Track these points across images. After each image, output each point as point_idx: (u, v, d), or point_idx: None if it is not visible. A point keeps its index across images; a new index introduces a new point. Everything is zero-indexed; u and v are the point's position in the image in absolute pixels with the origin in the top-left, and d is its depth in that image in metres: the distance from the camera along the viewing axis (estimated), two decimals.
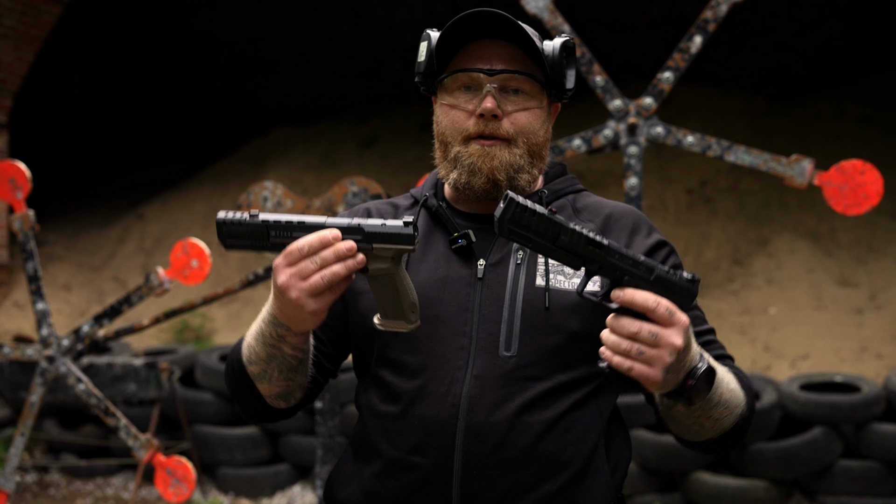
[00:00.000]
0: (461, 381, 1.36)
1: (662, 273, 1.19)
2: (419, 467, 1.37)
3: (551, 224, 1.17)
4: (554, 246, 1.18)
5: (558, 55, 1.43)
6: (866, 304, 6.04)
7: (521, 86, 1.42)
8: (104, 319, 3.63)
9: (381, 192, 3.31)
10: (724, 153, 2.83)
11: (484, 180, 1.41)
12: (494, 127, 1.41)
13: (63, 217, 8.74)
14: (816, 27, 8.41)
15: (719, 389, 1.29)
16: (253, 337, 1.37)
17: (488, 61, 1.41)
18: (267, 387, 1.40)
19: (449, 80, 1.44)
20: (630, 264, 1.19)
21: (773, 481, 4.68)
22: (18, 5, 7.02)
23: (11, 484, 3.67)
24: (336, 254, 1.22)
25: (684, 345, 1.17)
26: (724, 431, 1.36)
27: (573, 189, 1.55)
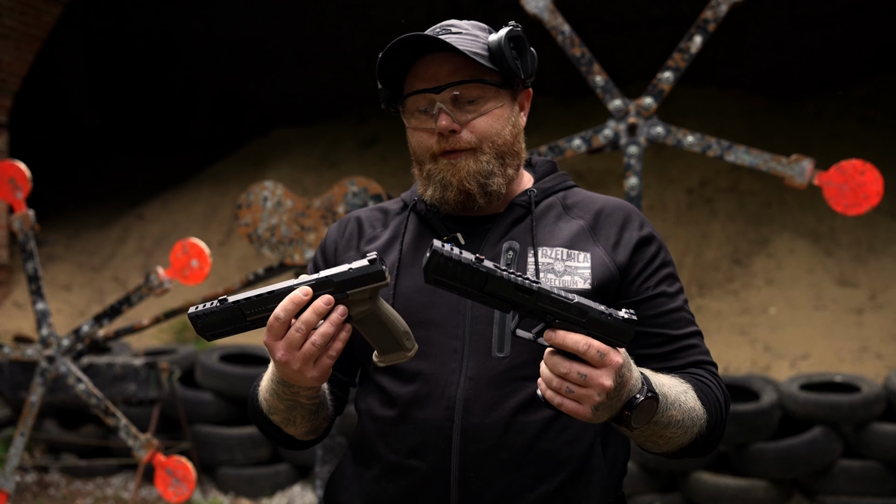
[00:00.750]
0: (455, 383, 1.37)
1: (596, 315, 1.18)
2: (417, 470, 1.38)
3: (477, 273, 1.16)
4: (481, 293, 1.18)
5: (504, 47, 1.40)
6: (866, 304, 6.04)
7: (474, 92, 1.42)
8: (104, 319, 3.63)
9: (381, 192, 3.31)
10: (724, 153, 2.83)
11: (455, 192, 1.43)
12: (454, 141, 1.42)
13: (63, 217, 8.74)
14: (816, 27, 8.41)
15: (669, 412, 1.29)
16: (268, 392, 1.40)
17: (434, 78, 1.41)
18: (294, 429, 1.44)
19: (407, 102, 1.46)
20: (561, 308, 1.18)
21: (773, 481, 4.68)
22: (18, 5, 7.02)
23: (11, 484, 3.67)
24: (316, 312, 1.22)
25: (615, 385, 1.17)
26: (682, 447, 1.36)
27: (563, 186, 1.55)
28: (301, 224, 3.40)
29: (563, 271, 1.41)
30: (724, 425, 1.42)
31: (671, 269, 1.48)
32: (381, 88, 1.49)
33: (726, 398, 1.43)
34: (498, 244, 1.44)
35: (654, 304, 1.43)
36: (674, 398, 1.30)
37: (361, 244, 1.53)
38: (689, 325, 1.45)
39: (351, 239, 1.55)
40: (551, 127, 7.47)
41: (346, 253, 1.53)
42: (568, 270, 1.41)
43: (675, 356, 1.43)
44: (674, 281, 1.47)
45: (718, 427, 1.40)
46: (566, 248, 1.43)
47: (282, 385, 1.35)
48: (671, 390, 1.31)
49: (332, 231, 1.58)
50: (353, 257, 1.51)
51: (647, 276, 1.44)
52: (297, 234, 3.40)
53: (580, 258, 1.42)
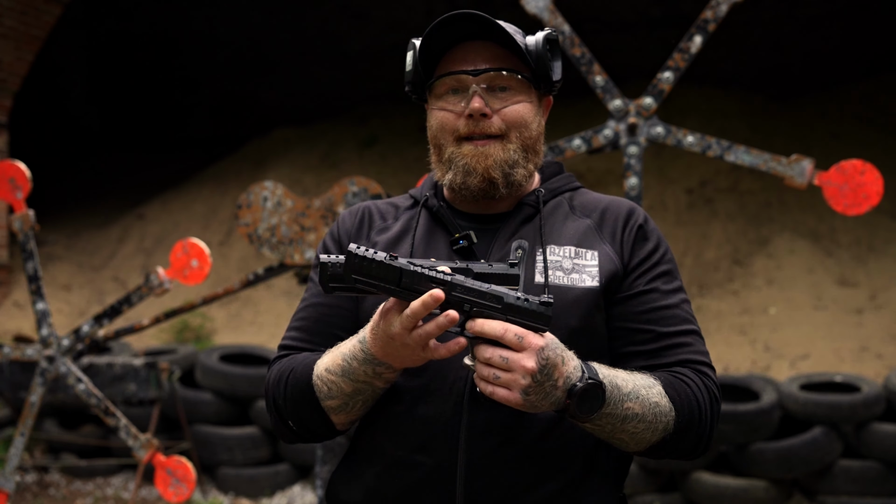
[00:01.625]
0: (464, 379, 1.37)
1: (512, 301, 1.23)
2: (423, 465, 1.37)
3: (391, 269, 1.22)
4: (399, 288, 1.22)
5: (542, 48, 1.44)
6: (866, 304, 6.04)
7: (507, 83, 1.43)
8: (104, 319, 3.63)
9: (381, 192, 3.31)
10: (724, 153, 2.83)
11: (479, 179, 1.43)
12: (485, 125, 1.43)
13: (63, 217, 8.75)
14: (816, 27, 8.41)
15: (625, 404, 1.29)
16: (335, 374, 1.36)
17: (472, 62, 1.43)
18: (344, 416, 1.41)
19: (437, 85, 1.46)
20: (476, 296, 1.23)
21: (773, 481, 4.68)
22: (18, 5, 7.02)
23: (11, 484, 3.67)
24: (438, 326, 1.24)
25: (539, 367, 1.20)
26: (652, 444, 1.35)
27: (570, 187, 1.56)
28: (301, 224, 3.40)
29: (572, 269, 1.42)
30: (708, 424, 1.39)
31: (669, 267, 1.47)
32: (411, 70, 1.48)
33: (712, 397, 1.40)
34: (507, 243, 1.45)
35: (644, 299, 1.43)
36: (630, 390, 1.30)
37: (372, 233, 1.54)
38: (682, 324, 1.43)
39: (362, 227, 1.55)
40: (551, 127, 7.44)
41: (357, 241, 1.53)
42: (576, 268, 1.42)
43: (662, 354, 1.41)
44: (671, 279, 1.46)
45: (695, 425, 1.37)
46: (574, 247, 1.44)
47: (367, 364, 1.32)
48: (627, 383, 1.31)
49: (346, 219, 1.58)
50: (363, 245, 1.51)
51: (642, 271, 1.45)
52: (297, 234, 3.41)
53: (588, 256, 1.43)
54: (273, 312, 6.93)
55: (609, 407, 1.27)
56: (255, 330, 6.78)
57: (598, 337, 1.42)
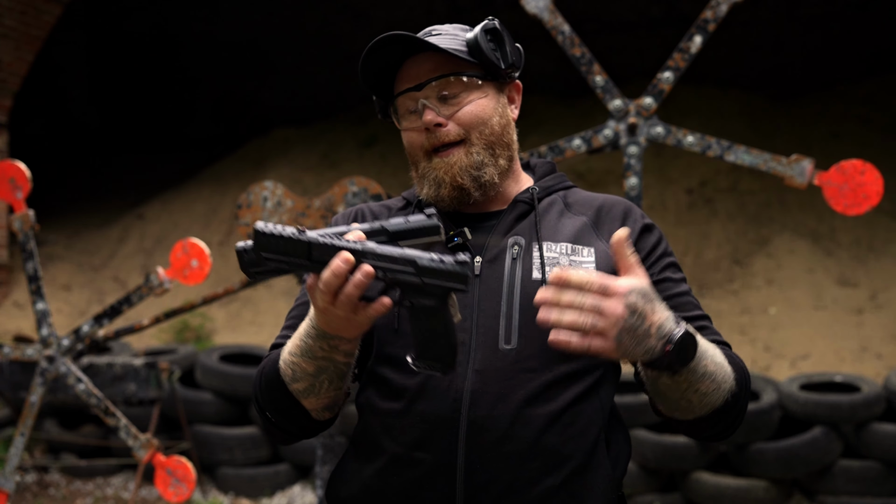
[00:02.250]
0: (462, 375, 1.37)
1: (426, 263, 1.20)
2: (423, 463, 1.37)
3: (300, 243, 1.19)
4: (310, 262, 1.20)
5: (483, 41, 1.44)
6: (866, 304, 6.04)
7: (455, 88, 1.45)
8: (104, 319, 3.63)
9: (381, 192, 3.31)
10: (724, 153, 2.83)
11: (449, 189, 1.45)
12: (443, 135, 1.44)
13: (63, 217, 8.75)
14: (816, 27, 8.41)
15: (703, 360, 1.30)
16: (296, 355, 1.37)
17: (416, 78, 1.45)
18: (315, 400, 1.40)
19: (398, 107, 1.49)
20: (388, 261, 1.20)
21: (773, 481, 4.68)
22: (18, 5, 7.02)
23: (11, 484, 3.67)
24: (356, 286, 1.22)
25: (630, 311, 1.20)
26: (714, 409, 1.36)
27: (563, 185, 1.57)
28: (301, 224, 3.41)
29: (569, 265, 1.42)
30: (746, 401, 1.42)
31: (673, 259, 1.50)
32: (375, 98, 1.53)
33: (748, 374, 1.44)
34: (503, 240, 1.46)
35: (660, 288, 1.43)
36: (707, 349, 1.32)
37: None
38: (696, 310, 1.47)
39: None
40: (551, 127, 7.47)
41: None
42: (573, 265, 1.43)
43: None
44: (677, 269, 1.49)
45: (744, 392, 1.40)
46: (570, 244, 1.45)
47: (321, 339, 1.32)
48: (704, 341, 1.32)
49: (338, 220, 1.59)
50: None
51: (652, 262, 1.47)
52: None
53: (584, 253, 1.44)
54: (273, 312, 6.93)
55: (695, 361, 1.28)
56: (255, 330, 6.78)
57: None
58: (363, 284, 1.21)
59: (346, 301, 1.22)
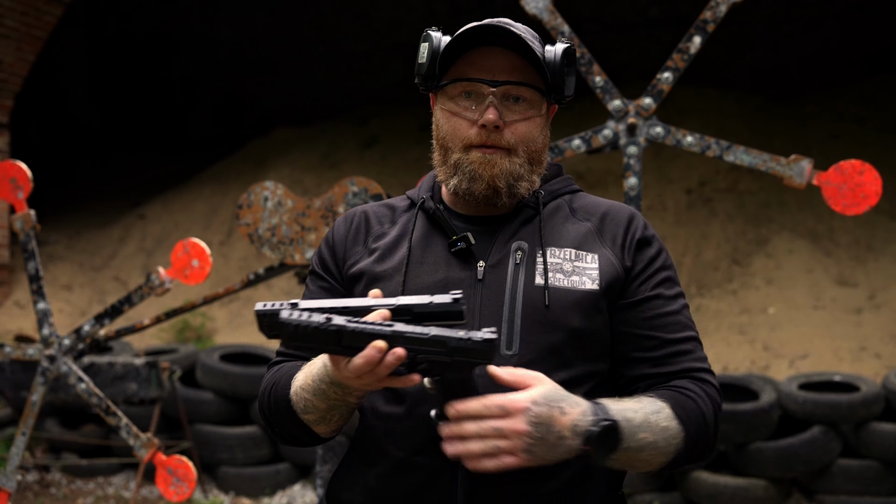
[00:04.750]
0: None
1: (455, 343, 1.20)
2: (424, 467, 1.38)
3: (329, 333, 1.19)
4: (341, 347, 1.21)
5: (559, 62, 1.44)
6: (865, 304, 6.05)
7: (522, 94, 1.43)
8: (105, 319, 3.64)
9: (381, 192, 3.32)
10: (723, 153, 2.84)
11: (484, 187, 1.43)
12: (496, 138, 1.42)
13: (64, 217, 8.75)
14: (816, 27, 8.41)
15: (638, 435, 1.30)
16: (310, 392, 1.38)
17: (490, 71, 1.42)
18: (325, 427, 1.42)
19: (451, 86, 1.44)
20: (419, 343, 1.20)
21: (772, 480, 4.69)
22: (19, 6, 7.03)
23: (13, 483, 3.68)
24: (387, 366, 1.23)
25: (532, 426, 1.21)
26: (662, 465, 1.37)
27: (569, 189, 1.56)
28: (301, 224, 3.42)
29: (572, 272, 1.42)
30: (713, 432, 1.41)
31: (670, 273, 1.49)
32: (425, 63, 1.46)
33: (715, 405, 1.42)
34: (507, 244, 1.45)
35: (650, 305, 1.43)
36: (641, 421, 1.31)
37: (369, 240, 1.53)
38: (684, 330, 1.45)
39: (358, 234, 1.55)
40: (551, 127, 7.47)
41: (353, 248, 1.53)
42: (576, 271, 1.42)
43: (667, 361, 1.42)
44: (672, 284, 1.48)
45: (703, 437, 1.39)
46: (574, 249, 1.44)
47: (335, 387, 1.33)
48: (637, 414, 1.31)
49: (339, 226, 1.57)
50: (360, 252, 1.51)
51: (646, 277, 1.45)
52: (297, 234, 3.42)
53: (588, 259, 1.44)
54: None
55: (625, 442, 1.28)
56: (256, 330, 6.79)
57: (599, 338, 1.42)
58: (393, 366, 1.21)
59: (374, 380, 1.23)
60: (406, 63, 3.37)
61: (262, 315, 1.21)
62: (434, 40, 1.45)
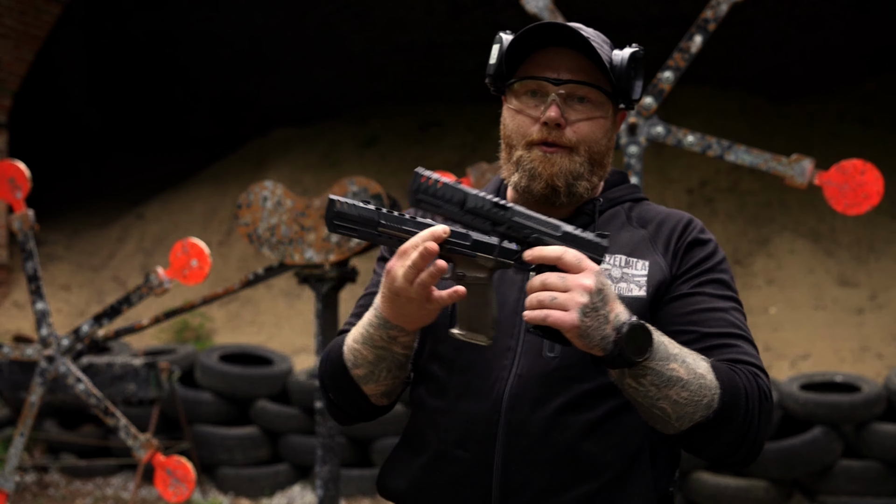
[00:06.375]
0: (505, 379, 1.40)
1: (570, 230, 1.28)
2: (462, 460, 1.41)
3: (457, 191, 1.28)
4: (462, 210, 1.29)
5: (626, 66, 1.45)
6: (867, 304, 6.04)
7: (586, 95, 1.45)
8: (104, 319, 3.63)
9: (381, 192, 3.31)
10: (724, 153, 2.83)
11: (543, 185, 1.45)
12: (557, 135, 1.44)
13: (63, 217, 8.74)
14: (816, 27, 8.40)
15: (670, 363, 1.27)
16: (358, 342, 1.42)
17: (556, 70, 1.44)
18: (374, 386, 1.44)
19: (518, 85, 1.47)
20: (536, 223, 1.28)
21: (774, 481, 4.68)
22: (18, 5, 7.02)
23: (11, 484, 3.67)
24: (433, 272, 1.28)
25: (597, 287, 1.23)
26: (695, 423, 1.31)
27: (632, 197, 1.56)
28: (301, 224, 3.40)
29: (620, 277, 1.42)
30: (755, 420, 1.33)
31: (723, 277, 1.45)
32: (495, 64, 1.49)
33: (762, 395, 1.35)
34: None
35: (689, 301, 1.42)
36: (677, 353, 1.29)
37: None
38: (729, 327, 1.41)
39: None
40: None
41: None
42: (624, 277, 1.43)
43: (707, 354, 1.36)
44: (722, 287, 1.44)
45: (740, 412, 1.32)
46: (626, 256, 1.45)
47: (382, 328, 1.37)
48: (674, 346, 1.30)
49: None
50: None
51: (691, 276, 1.44)
52: (297, 234, 3.40)
53: (638, 266, 1.44)
54: (273, 312, 6.92)
55: (654, 360, 1.26)
56: (255, 330, 6.78)
57: None
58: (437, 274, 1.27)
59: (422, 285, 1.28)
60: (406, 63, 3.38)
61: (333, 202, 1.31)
62: (504, 42, 1.48)
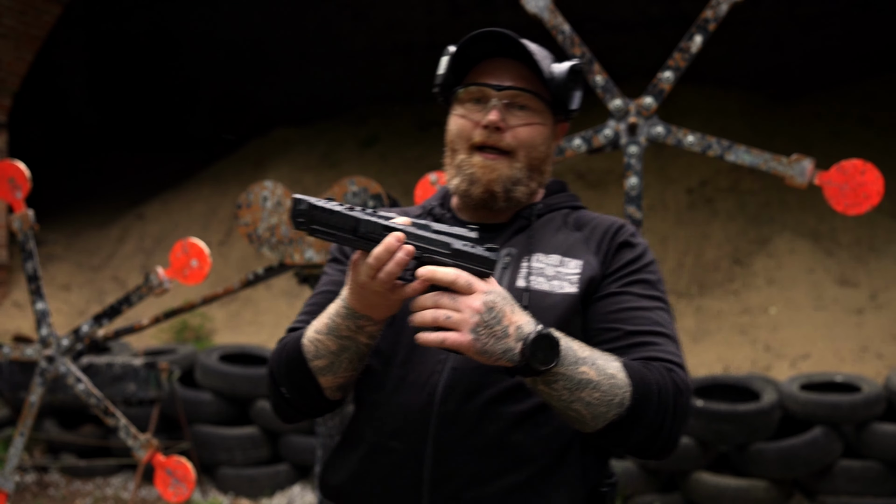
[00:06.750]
0: (440, 372, 1.46)
1: (460, 247, 1.32)
2: (396, 451, 1.46)
3: (349, 218, 1.30)
4: (355, 237, 1.31)
5: (565, 77, 1.53)
6: (867, 304, 6.03)
7: (526, 102, 1.52)
8: (104, 319, 3.63)
9: (381, 192, 3.31)
10: (724, 153, 2.83)
11: (481, 190, 1.52)
12: (497, 138, 1.51)
13: (63, 217, 8.74)
14: (816, 27, 8.40)
15: (580, 367, 1.31)
16: (322, 333, 1.44)
17: (499, 78, 1.52)
18: (331, 378, 1.47)
19: (463, 93, 1.55)
20: (426, 242, 1.32)
21: (774, 481, 4.68)
22: (18, 5, 7.02)
23: (11, 484, 3.67)
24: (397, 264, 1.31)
25: (486, 307, 1.28)
26: (609, 422, 1.35)
27: (569, 205, 1.64)
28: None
29: (554, 276, 1.49)
30: (669, 413, 1.37)
31: (650, 278, 1.50)
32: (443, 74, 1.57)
33: (677, 390, 1.38)
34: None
35: (615, 300, 1.47)
36: (587, 356, 1.34)
37: None
38: (652, 325, 1.45)
39: None
40: None
41: None
42: (558, 276, 1.49)
43: (628, 351, 1.42)
44: (649, 287, 1.49)
45: (652, 407, 1.36)
46: (560, 256, 1.52)
47: (350, 318, 1.39)
48: (584, 349, 1.34)
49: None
50: None
51: (619, 276, 1.50)
52: (296, 234, 3.40)
53: (571, 265, 1.50)
54: (273, 312, 6.92)
55: (564, 366, 1.30)
56: (255, 330, 6.78)
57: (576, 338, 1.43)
58: (404, 262, 1.29)
59: (387, 278, 1.30)
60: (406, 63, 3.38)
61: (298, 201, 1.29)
62: (451, 53, 1.56)
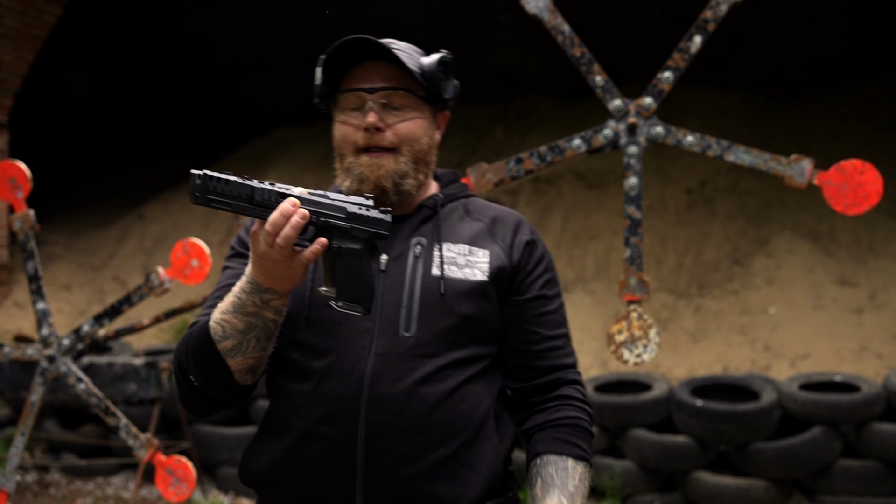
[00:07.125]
0: (365, 358, 1.53)
1: (355, 210, 1.42)
2: (327, 436, 1.52)
3: (245, 186, 1.34)
4: (251, 205, 1.35)
5: (435, 69, 1.61)
6: (866, 304, 6.04)
7: (400, 101, 1.60)
8: (104, 319, 3.63)
9: None
10: (723, 153, 2.83)
11: (371, 187, 1.59)
12: (379, 138, 1.59)
13: (63, 217, 8.74)
14: (816, 27, 8.41)
15: None
16: (228, 311, 1.49)
17: (370, 81, 1.60)
18: (241, 360, 1.50)
19: (341, 100, 1.63)
20: (322, 207, 1.39)
21: (773, 481, 4.68)
22: (19, 5, 7.02)
23: (12, 483, 3.67)
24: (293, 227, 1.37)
25: None
26: None
27: (464, 194, 1.75)
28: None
29: (465, 265, 1.59)
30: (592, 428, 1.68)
31: (553, 275, 1.69)
32: (320, 84, 1.65)
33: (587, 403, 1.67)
34: (407, 240, 1.62)
35: (537, 304, 1.65)
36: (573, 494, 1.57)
37: None
38: (559, 328, 1.68)
39: None
40: (551, 127, 7.47)
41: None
42: (469, 264, 1.60)
43: (545, 355, 1.65)
44: (553, 285, 1.69)
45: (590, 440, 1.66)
46: (468, 245, 1.63)
47: (255, 293, 1.45)
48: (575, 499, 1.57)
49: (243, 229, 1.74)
50: None
51: (534, 277, 1.65)
52: None
53: (480, 254, 1.62)
54: None
55: None
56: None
57: (488, 324, 1.60)
58: (300, 225, 1.36)
59: (284, 243, 1.36)
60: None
61: (194, 175, 1.31)
62: (322, 64, 1.63)
